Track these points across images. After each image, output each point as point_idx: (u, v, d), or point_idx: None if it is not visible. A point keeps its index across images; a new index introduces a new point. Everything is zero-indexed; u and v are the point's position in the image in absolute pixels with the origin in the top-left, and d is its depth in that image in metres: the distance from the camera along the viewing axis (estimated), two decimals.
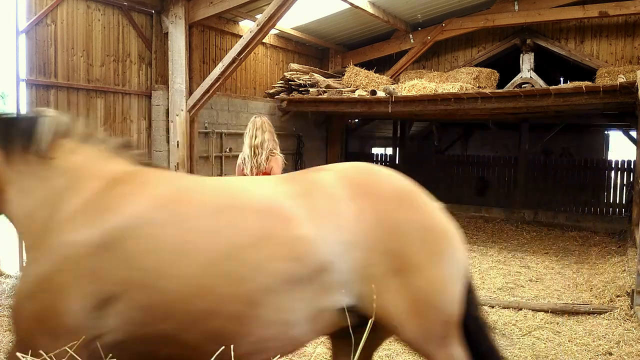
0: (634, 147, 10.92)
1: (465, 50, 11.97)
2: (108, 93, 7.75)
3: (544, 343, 4.62)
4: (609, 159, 13.90)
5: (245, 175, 4.64)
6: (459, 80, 10.13)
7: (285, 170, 13.11)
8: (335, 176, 2.47)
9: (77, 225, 2.17)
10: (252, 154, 4.63)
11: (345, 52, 12.63)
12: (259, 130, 4.71)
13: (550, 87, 8.59)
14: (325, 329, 2.33)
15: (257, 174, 4.62)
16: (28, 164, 2.36)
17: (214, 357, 1.74)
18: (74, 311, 2.07)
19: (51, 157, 2.38)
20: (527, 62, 10.43)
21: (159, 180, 2.43)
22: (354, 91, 10.18)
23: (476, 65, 11.26)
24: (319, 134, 12.75)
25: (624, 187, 11.52)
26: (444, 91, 9.20)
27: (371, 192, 2.39)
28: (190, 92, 8.40)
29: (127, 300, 2.09)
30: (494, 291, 6.22)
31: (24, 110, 6.68)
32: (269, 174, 4.67)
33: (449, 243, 2.40)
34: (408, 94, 9.44)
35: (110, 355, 1.94)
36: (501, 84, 10.52)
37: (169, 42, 8.35)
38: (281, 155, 4.81)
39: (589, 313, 5.35)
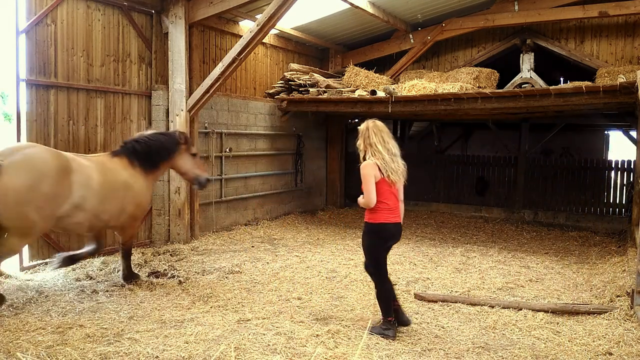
0: (634, 147, 10.92)
1: (465, 50, 11.97)
2: (108, 93, 7.75)
3: (544, 343, 4.62)
4: (609, 159, 13.90)
5: (388, 181, 4.51)
6: (459, 80, 10.13)
7: (286, 170, 13.25)
8: None
9: None
10: (391, 160, 4.55)
11: (345, 52, 12.64)
12: (388, 136, 4.62)
13: (550, 87, 8.59)
14: None
15: (401, 182, 4.63)
16: None
17: None
18: None
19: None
20: (527, 62, 10.44)
21: None
22: (354, 91, 10.18)
23: (476, 65, 11.26)
24: (319, 134, 12.76)
25: (624, 187, 11.52)
26: (444, 91, 9.20)
27: None
28: (190, 92, 8.41)
29: None
30: (494, 291, 6.22)
31: (23, 110, 6.69)
32: (401, 183, 4.70)
33: None
34: (408, 94, 9.45)
35: None
36: (501, 84, 10.52)
37: (169, 42, 8.35)
38: None
39: (589, 313, 5.34)
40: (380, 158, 4.49)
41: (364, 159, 4.61)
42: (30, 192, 4.82)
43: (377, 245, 4.64)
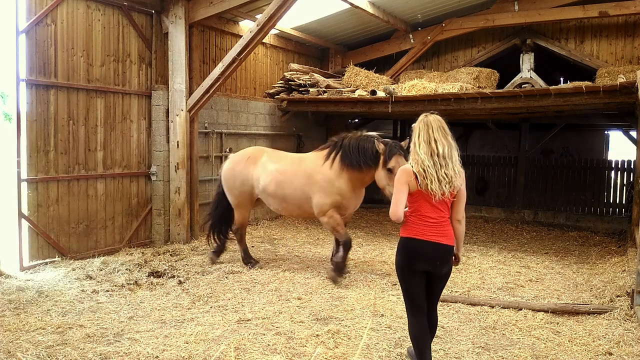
0: (634, 147, 10.91)
1: (465, 50, 11.97)
2: (108, 93, 7.75)
3: (544, 343, 4.62)
4: (609, 159, 13.90)
5: (426, 191, 3.52)
6: (459, 80, 10.13)
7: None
8: None
9: None
10: (433, 164, 3.49)
11: (345, 52, 12.64)
12: (438, 133, 3.58)
13: (550, 87, 8.58)
14: None
15: (450, 195, 3.56)
16: None
17: None
18: None
19: None
20: (527, 62, 10.43)
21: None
22: (354, 91, 10.18)
23: (476, 65, 11.26)
24: (319, 134, 12.75)
25: (624, 187, 11.52)
26: (444, 91, 9.20)
27: None
28: (190, 92, 8.41)
29: None
30: (494, 291, 6.22)
31: (23, 110, 6.68)
32: (457, 196, 3.65)
33: None
34: (408, 94, 9.44)
35: None
36: (501, 84, 10.52)
37: (169, 42, 8.35)
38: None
39: (589, 313, 5.34)
40: (419, 162, 3.52)
41: None
42: (230, 174, 6.97)
43: (402, 265, 3.69)
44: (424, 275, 3.65)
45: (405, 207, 3.68)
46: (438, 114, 3.72)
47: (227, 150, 9.73)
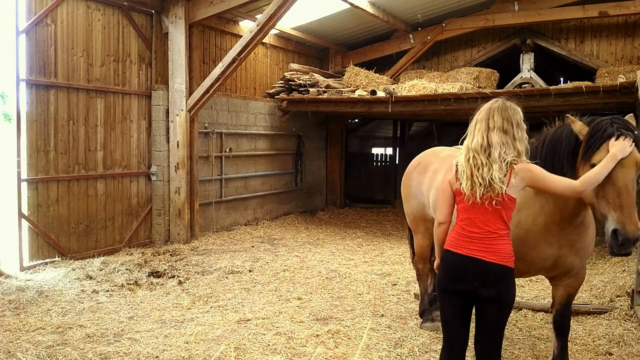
0: None
1: (465, 50, 11.97)
2: (108, 93, 7.75)
3: (544, 343, 4.62)
4: None
5: (465, 192, 2.83)
6: (459, 80, 10.13)
7: (286, 170, 13.04)
8: None
9: None
10: (467, 160, 2.84)
11: (345, 52, 12.64)
12: (480, 125, 2.87)
13: (550, 87, 8.58)
14: None
15: (490, 201, 2.77)
16: None
17: None
18: None
19: None
20: (527, 62, 10.44)
21: None
22: (354, 91, 10.18)
23: (476, 65, 11.26)
24: (319, 134, 12.76)
25: None
26: (444, 91, 9.20)
27: None
28: (190, 92, 8.41)
29: None
30: None
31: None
32: (507, 203, 2.80)
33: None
34: (408, 94, 9.44)
35: None
36: (501, 84, 10.52)
37: (169, 42, 8.36)
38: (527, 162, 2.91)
39: (589, 313, 5.34)
40: (463, 156, 2.89)
41: None
42: (403, 183, 5.16)
43: (438, 283, 3.09)
44: (460, 299, 2.97)
45: None
46: (508, 100, 3.07)
47: (227, 150, 9.74)
